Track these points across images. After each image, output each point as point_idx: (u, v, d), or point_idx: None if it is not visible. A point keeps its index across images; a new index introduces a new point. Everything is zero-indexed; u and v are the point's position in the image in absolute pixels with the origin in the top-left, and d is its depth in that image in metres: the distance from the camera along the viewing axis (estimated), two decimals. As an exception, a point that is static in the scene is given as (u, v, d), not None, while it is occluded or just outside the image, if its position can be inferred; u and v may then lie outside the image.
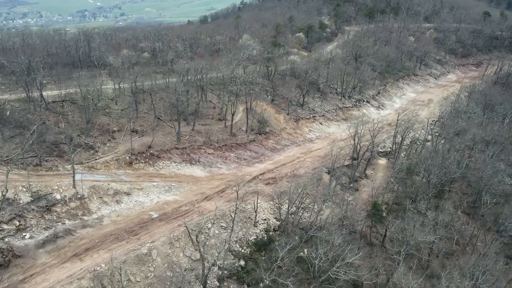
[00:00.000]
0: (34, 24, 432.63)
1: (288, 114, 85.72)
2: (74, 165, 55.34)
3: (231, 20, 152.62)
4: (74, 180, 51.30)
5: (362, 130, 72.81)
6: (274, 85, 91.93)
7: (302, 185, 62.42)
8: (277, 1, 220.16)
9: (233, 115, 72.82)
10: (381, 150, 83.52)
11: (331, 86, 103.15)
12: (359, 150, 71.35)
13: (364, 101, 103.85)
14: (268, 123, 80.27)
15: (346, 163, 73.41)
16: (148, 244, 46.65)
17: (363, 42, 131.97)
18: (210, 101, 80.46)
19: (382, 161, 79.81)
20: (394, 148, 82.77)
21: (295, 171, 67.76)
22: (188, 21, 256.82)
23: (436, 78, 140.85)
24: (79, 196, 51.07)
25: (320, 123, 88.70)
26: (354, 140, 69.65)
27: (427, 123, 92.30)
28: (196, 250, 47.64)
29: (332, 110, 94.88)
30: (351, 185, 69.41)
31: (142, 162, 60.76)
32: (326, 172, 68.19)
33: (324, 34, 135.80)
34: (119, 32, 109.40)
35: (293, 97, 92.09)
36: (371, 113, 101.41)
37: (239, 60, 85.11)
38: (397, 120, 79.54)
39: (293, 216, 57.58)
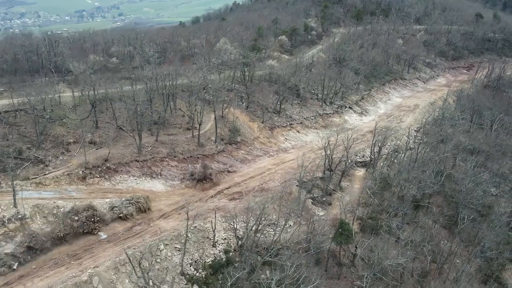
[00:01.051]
0: (31, 24, 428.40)
1: (263, 122, 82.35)
2: (20, 181, 51.94)
3: (216, 22, 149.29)
4: (14, 199, 47.76)
5: (336, 140, 69.41)
6: (250, 91, 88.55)
7: (269, 200, 59.21)
8: (267, 2, 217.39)
9: (200, 124, 69.35)
10: (359, 159, 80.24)
11: (312, 91, 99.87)
12: (331, 163, 67.83)
13: (346, 107, 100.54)
14: (240, 132, 76.84)
15: (320, 174, 70.03)
16: (89, 270, 43.10)
17: (348, 46, 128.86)
18: (179, 109, 77.01)
19: (360, 172, 76.46)
20: (373, 158, 79.43)
21: (263, 185, 64.30)
22: (180, 22, 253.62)
23: (424, 82, 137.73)
24: (19, 216, 47.51)
25: (297, 131, 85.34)
26: (326, 152, 66.04)
27: (409, 130, 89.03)
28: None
29: (311, 117, 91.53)
30: (323, 199, 66.03)
31: (97, 177, 57.23)
32: (296, 185, 64.76)
33: (309, 37, 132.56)
34: (94, 36, 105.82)
35: (270, 104, 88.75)
36: (353, 119, 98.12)
37: (211, 65, 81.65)
38: (375, 129, 75.86)
39: (256, 235, 54.13)
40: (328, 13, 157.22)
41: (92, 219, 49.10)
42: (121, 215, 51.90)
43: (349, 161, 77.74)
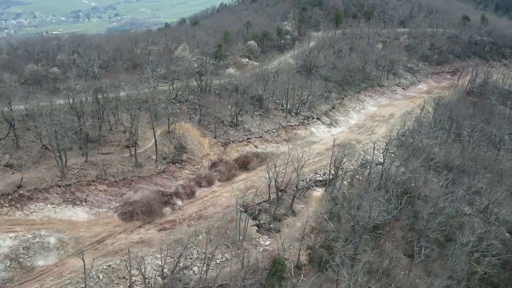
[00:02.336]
0: (27, 24, 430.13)
1: (215, 137, 76.25)
2: None
3: (187, 26, 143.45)
4: None
5: (288, 159, 63.39)
6: (205, 102, 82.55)
7: (204, 229, 53.20)
8: (249, 4, 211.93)
9: (135, 143, 63.22)
10: (320, 178, 74.16)
11: (277, 101, 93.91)
12: (278, 185, 61.66)
13: (313, 118, 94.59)
14: (187, 149, 70.77)
15: (271, 197, 63.96)
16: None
17: (322, 51, 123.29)
18: (122, 123, 70.82)
19: (318, 192, 70.39)
20: (335, 175, 73.38)
21: (203, 211, 58.27)
22: (166, 24, 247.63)
23: (404, 89, 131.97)
24: None
25: (255, 146, 79.27)
26: (269, 172, 59.79)
27: (374, 144, 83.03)
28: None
29: (273, 130, 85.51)
30: (271, 225, 60.00)
31: (6, 206, 51.02)
32: (241, 211, 58.63)
33: (283, 41, 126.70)
34: (48, 40, 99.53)
35: (227, 117, 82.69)
36: (320, 132, 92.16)
37: (158, 76, 75.58)
38: (333, 146, 69.85)
39: (180, 272, 48.07)
40: (306, 16, 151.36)
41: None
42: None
43: (307, 180, 72.01)
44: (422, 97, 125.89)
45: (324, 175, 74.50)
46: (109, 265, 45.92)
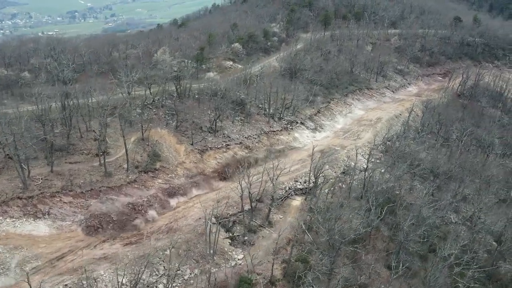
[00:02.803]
0: (23, 25, 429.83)
1: (192, 144, 73.81)
2: None
3: (171, 29, 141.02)
4: None
5: (264, 170, 61.13)
6: (183, 108, 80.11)
7: (173, 243, 50.80)
8: (240, 5, 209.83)
9: (104, 151, 60.75)
10: (300, 186, 71.81)
11: (260, 106, 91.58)
12: (255, 196, 59.38)
13: (297, 122, 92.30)
14: (162, 157, 68.32)
15: (244, 208, 61.57)
16: None
17: (309, 53, 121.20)
18: (93, 131, 68.27)
19: (297, 201, 68.06)
20: (315, 183, 71.05)
21: (173, 223, 55.84)
22: (158, 24, 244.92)
23: (393, 92, 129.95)
24: None
25: (234, 153, 76.88)
26: (241, 184, 57.41)
27: (356, 150, 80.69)
28: None
29: (254, 136, 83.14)
30: (245, 238, 57.64)
31: (-40, 221, 48.50)
32: (213, 223, 56.23)
33: (269, 43, 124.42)
34: (25, 43, 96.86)
35: (206, 122, 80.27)
36: (304, 137, 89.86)
37: (131, 80, 73.09)
38: (312, 153, 67.50)
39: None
40: (295, 17, 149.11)
41: None
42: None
43: (286, 189, 69.76)
44: (412, 100, 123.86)
45: (305, 183, 72.18)
46: (66, 285, 43.45)
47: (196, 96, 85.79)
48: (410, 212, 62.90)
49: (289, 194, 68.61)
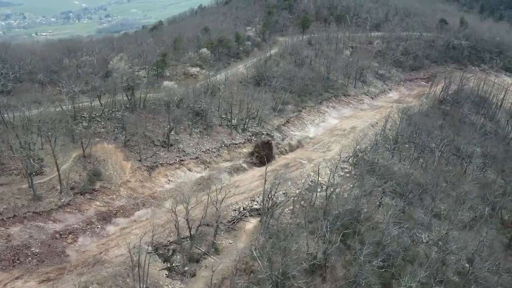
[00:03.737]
0: (16, 25, 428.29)
1: (140, 160, 68.60)
2: None
3: (142, 33, 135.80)
4: None
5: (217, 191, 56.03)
6: (138, 119, 74.97)
7: (98, 278, 45.57)
8: (222, 7, 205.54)
9: (30, 173, 55.39)
10: (257, 206, 66.70)
11: (223, 116, 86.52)
12: (194, 222, 54.19)
13: (263, 134, 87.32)
14: (103, 175, 63.05)
15: (192, 232, 56.43)
16: None
17: (282, 58, 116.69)
18: (29, 147, 62.78)
19: (251, 224, 62.97)
20: (270, 203, 65.98)
21: (103, 253, 50.61)
22: (143, 26, 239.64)
23: (372, 98, 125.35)
24: None
25: (189, 169, 71.77)
26: (173, 208, 52.19)
27: (318, 166, 75.79)
28: None
29: (213, 149, 78.08)
30: (185, 268, 52.48)
31: None
32: (149, 252, 51.02)
33: (241, 48, 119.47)
34: None
35: (160, 135, 75.12)
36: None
37: (73, 91, 67.82)
38: (265, 173, 62.40)
39: None
40: (272, 20, 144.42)
41: None
42: None
43: (241, 209, 64.74)
44: (392, 107, 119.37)
45: (263, 201, 67.07)
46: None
47: (153, 107, 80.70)
48: (369, 238, 57.77)
49: (243, 215, 63.52)
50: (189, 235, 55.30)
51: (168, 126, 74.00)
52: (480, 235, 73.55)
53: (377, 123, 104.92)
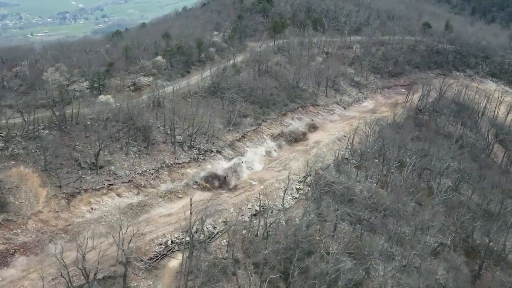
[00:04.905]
0: (12, 26, 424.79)
1: (60, 187, 61.61)
2: None
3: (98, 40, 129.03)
4: None
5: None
6: (67, 139, 68.14)
7: None
8: (199, 10, 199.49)
9: None
10: (189, 239, 59.75)
11: (168, 133, 79.68)
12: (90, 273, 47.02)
13: (212, 151, 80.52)
14: (12, 205, 56.05)
15: (101, 274, 49.50)
16: None
17: (248, 67, 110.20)
18: None
19: (177, 260, 55.86)
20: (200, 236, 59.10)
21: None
22: (126, 28, 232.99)
23: (345, 108, 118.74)
24: None
25: (118, 195, 64.80)
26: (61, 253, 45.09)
27: (272, 186, 69.28)
28: None
29: (151, 171, 71.15)
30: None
31: None
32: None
33: (203, 55, 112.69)
34: None
35: (90, 157, 68.14)
36: (218, 169, 77.89)
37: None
38: (191, 203, 55.43)
39: None
40: (243, 24, 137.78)
41: None
42: None
43: (167, 243, 57.82)
44: (365, 117, 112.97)
45: (196, 232, 60.20)
46: None
47: (88, 123, 73.76)
48: (315, 272, 51.04)
49: (169, 250, 56.57)
50: (97, 277, 48.38)
51: (98, 146, 66.95)
52: (443, 266, 67.52)
53: (345, 136, 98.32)
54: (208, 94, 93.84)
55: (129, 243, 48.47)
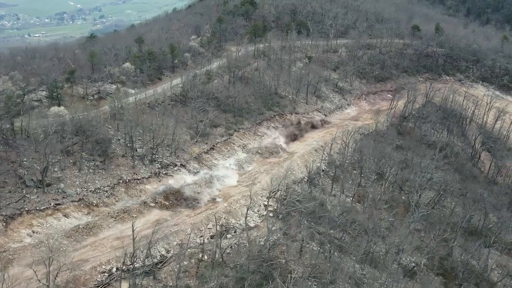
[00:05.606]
0: (10, 27, 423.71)
1: (-1, 208, 57.19)
2: None
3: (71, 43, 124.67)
4: None
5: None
6: (13, 154, 63.68)
7: None
8: (184, 12, 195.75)
9: None
10: (138, 264, 55.27)
11: (128, 145, 75.28)
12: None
13: (176, 165, 76.13)
14: None
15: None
16: None
17: (224, 73, 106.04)
18: None
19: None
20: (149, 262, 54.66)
21: None
22: (114, 30, 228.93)
23: (326, 115, 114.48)
24: None
25: (65, 216, 60.28)
26: None
27: (238, 202, 64.88)
28: None
29: (106, 188, 66.65)
30: None
31: None
32: None
33: (176, 61, 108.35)
34: None
35: (37, 173, 63.66)
36: (181, 184, 73.39)
37: None
38: (132, 229, 50.92)
39: None
40: (222, 28, 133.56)
41: None
42: None
43: (111, 270, 53.33)
44: (346, 126, 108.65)
45: (147, 258, 55.76)
46: None
47: (42, 136, 69.33)
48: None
49: (114, 278, 52.09)
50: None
51: (45, 161, 62.50)
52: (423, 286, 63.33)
53: (322, 146, 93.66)
54: (177, 102, 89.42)
55: (55, 278, 43.93)
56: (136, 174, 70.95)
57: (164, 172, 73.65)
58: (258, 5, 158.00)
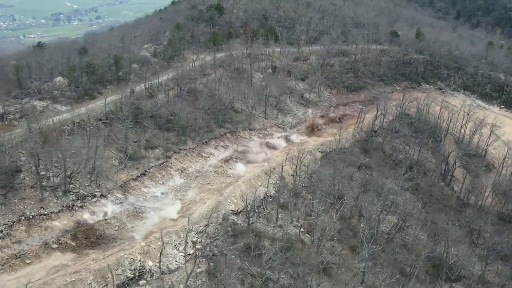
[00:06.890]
0: (5, 27, 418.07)
1: None
2: None
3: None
4: None
5: None
6: None
7: None
8: (152, 16, 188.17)
9: None
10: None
11: (42, 174, 66.91)
12: None
13: (95, 195, 67.85)
14: None
15: None
16: None
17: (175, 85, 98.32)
18: None
19: None
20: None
21: None
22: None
23: (286, 130, 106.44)
24: None
25: None
26: None
27: (154, 241, 56.61)
28: None
29: (3, 226, 58.09)
30: None
31: None
32: None
33: (120, 73, 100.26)
34: None
35: None
36: (99, 218, 65.25)
37: None
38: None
39: None
40: (181, 35, 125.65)
41: None
42: None
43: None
44: (307, 143, 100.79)
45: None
46: None
47: None
48: None
49: None
50: None
51: None
52: None
53: (274, 168, 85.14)
54: (114, 121, 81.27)
55: None
56: (44, 209, 62.54)
57: (79, 205, 65.30)
58: (225, 10, 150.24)
